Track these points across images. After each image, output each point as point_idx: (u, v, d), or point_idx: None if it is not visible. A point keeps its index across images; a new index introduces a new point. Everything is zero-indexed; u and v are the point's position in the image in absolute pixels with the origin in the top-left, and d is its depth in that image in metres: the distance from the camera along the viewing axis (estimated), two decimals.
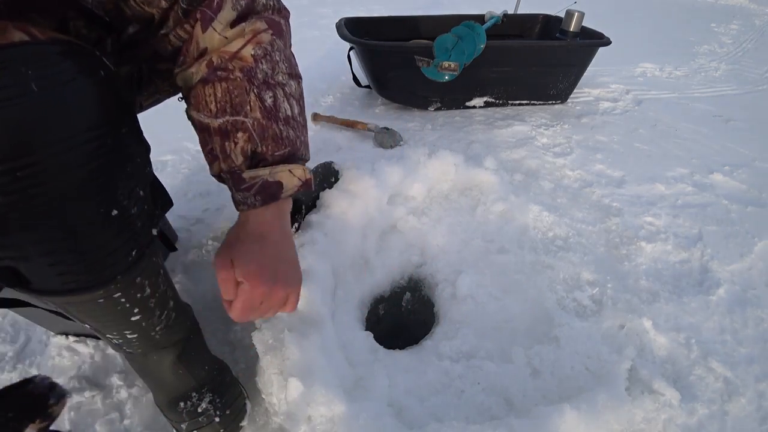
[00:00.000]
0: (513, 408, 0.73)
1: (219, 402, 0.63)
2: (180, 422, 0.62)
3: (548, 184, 1.26)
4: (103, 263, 0.40)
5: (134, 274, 0.45)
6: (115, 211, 0.38)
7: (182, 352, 0.62)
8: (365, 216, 0.96)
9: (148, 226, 0.45)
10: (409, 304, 1.00)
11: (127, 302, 0.47)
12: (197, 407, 0.61)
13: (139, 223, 0.42)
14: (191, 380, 0.62)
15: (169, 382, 0.61)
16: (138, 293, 0.47)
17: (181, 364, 0.61)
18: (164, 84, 0.61)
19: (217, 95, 0.43)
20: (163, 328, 0.56)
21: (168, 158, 1.34)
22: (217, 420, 0.62)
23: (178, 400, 0.61)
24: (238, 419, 0.66)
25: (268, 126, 0.45)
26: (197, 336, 0.67)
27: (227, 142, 0.44)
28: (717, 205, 1.23)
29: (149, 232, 0.45)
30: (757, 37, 3.24)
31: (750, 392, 0.76)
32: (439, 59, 1.38)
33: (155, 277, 0.50)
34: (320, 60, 2.19)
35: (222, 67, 0.43)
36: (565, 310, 0.88)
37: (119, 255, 0.41)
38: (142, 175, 0.43)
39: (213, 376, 0.65)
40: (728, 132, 1.70)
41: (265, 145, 0.45)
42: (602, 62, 2.16)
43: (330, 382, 0.62)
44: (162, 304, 0.54)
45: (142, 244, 0.44)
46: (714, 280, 0.98)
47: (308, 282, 0.75)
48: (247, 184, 0.46)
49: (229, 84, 0.43)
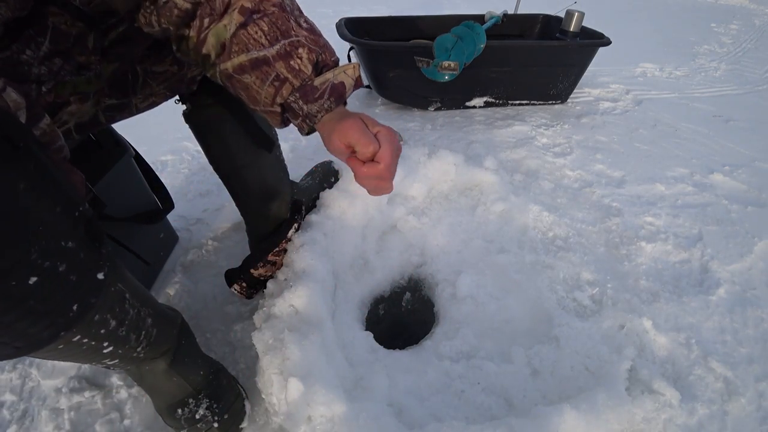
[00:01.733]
0: (513, 408, 0.73)
1: (217, 407, 0.63)
2: (179, 429, 0.62)
3: (548, 184, 1.26)
4: (37, 328, 0.37)
5: (85, 320, 0.42)
6: (33, 278, 0.34)
7: (173, 360, 0.61)
8: (365, 216, 0.96)
9: (91, 272, 0.41)
10: (409, 304, 1.00)
11: (91, 341, 0.45)
12: (195, 414, 0.61)
13: (73, 277, 0.38)
14: (187, 386, 0.62)
15: (165, 390, 0.61)
16: (101, 329, 0.45)
17: (174, 372, 0.61)
18: (160, 87, 0.60)
19: (264, 29, 0.47)
20: (146, 347, 0.55)
21: (168, 158, 1.34)
22: (216, 426, 0.62)
23: (175, 407, 0.61)
24: (237, 422, 0.66)
25: (317, 39, 0.51)
26: (188, 341, 0.66)
27: (292, 60, 0.49)
28: (717, 205, 1.23)
29: (93, 279, 0.41)
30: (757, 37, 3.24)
31: (750, 392, 0.76)
32: (439, 59, 1.38)
33: (119, 305, 0.48)
34: None
35: (256, 10, 0.47)
36: (565, 310, 0.88)
37: (55, 315, 0.38)
38: (66, 226, 0.38)
39: (209, 380, 0.65)
40: (728, 132, 1.70)
41: (324, 53, 0.51)
42: (602, 62, 2.16)
43: (330, 382, 0.62)
44: (135, 327, 0.51)
45: (85, 294, 0.41)
46: (714, 280, 0.98)
47: (308, 282, 0.75)
48: (320, 90, 0.50)
49: (270, 18, 0.48)
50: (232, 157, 0.73)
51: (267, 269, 0.83)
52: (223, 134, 0.71)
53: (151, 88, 0.60)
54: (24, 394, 0.73)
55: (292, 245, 0.84)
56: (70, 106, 0.51)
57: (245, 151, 0.73)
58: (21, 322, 0.35)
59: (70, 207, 0.39)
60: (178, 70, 0.60)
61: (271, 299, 0.76)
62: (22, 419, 0.70)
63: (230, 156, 0.73)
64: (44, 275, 0.35)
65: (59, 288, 0.37)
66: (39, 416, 0.70)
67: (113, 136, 0.80)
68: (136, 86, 0.58)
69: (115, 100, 0.57)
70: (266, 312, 0.74)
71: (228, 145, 0.71)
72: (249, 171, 0.75)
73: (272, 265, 0.83)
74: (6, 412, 0.71)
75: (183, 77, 0.62)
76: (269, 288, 0.79)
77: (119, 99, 0.57)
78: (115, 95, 0.57)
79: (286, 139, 1.47)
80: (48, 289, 0.36)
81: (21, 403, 0.72)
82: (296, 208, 0.87)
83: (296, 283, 0.74)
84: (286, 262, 0.82)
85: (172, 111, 0.79)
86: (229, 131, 0.70)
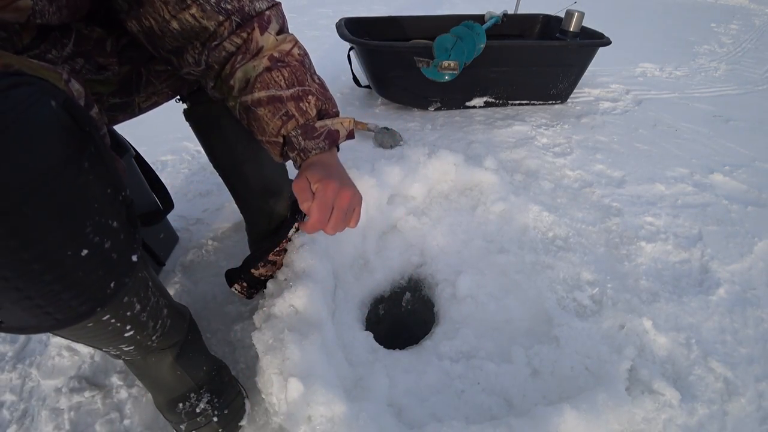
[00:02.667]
0: (513, 408, 0.73)
1: (217, 402, 0.64)
2: (179, 423, 0.63)
3: (548, 184, 1.26)
4: (79, 301, 0.39)
5: (117, 300, 0.46)
6: (85, 251, 0.37)
7: (180, 353, 0.63)
8: (365, 216, 0.96)
9: (127, 254, 0.44)
10: (409, 304, 1.00)
11: (117, 322, 0.49)
12: (195, 408, 0.63)
13: (114, 255, 0.41)
14: (189, 381, 0.64)
15: (167, 383, 0.63)
16: (128, 311, 0.50)
17: (179, 365, 0.63)
18: (162, 85, 0.62)
19: (284, 75, 0.56)
20: (159, 336, 0.58)
21: (168, 158, 1.34)
22: (215, 420, 0.63)
23: (176, 402, 0.63)
24: (236, 418, 0.67)
25: (325, 92, 0.61)
26: (195, 336, 0.68)
27: (301, 103, 0.57)
28: (717, 205, 1.23)
29: (129, 260, 0.44)
30: (757, 37, 3.24)
31: (750, 392, 0.76)
32: (438, 59, 1.38)
33: (143, 291, 0.52)
34: (320, 60, 2.19)
35: (282, 60, 0.56)
36: (565, 310, 0.88)
37: (95, 290, 0.40)
38: (114, 207, 0.41)
39: (211, 376, 0.67)
40: (728, 132, 1.70)
41: (327, 104, 0.60)
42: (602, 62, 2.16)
43: (330, 382, 0.62)
44: (154, 315, 0.56)
45: (121, 273, 0.43)
46: (714, 280, 0.98)
47: (308, 282, 0.75)
48: (318, 132, 0.58)
49: (291, 68, 0.57)
50: (232, 153, 0.74)
51: (268, 269, 0.83)
52: (223, 129, 0.72)
53: (154, 86, 0.61)
54: (24, 394, 0.73)
55: (292, 245, 0.84)
56: None
57: (245, 146, 0.74)
58: (67, 293, 0.37)
59: (117, 190, 0.42)
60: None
61: (271, 299, 0.76)
62: (22, 419, 0.70)
63: (230, 151, 0.74)
64: (94, 249, 0.38)
65: (102, 264, 0.40)
66: (39, 416, 0.70)
67: (113, 136, 0.80)
68: (140, 85, 0.60)
69: (119, 99, 0.58)
70: (266, 312, 0.74)
71: (228, 141, 0.73)
72: (249, 166, 0.76)
73: (273, 264, 0.83)
74: (6, 412, 0.71)
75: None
76: (269, 288, 0.79)
77: (122, 98, 0.59)
78: (118, 94, 0.58)
79: None
80: (94, 263, 0.39)
81: (21, 403, 0.72)
82: (296, 207, 0.87)
83: (296, 283, 0.74)
84: (286, 262, 0.82)
85: (172, 111, 0.79)
86: (229, 126, 0.72)
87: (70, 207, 0.35)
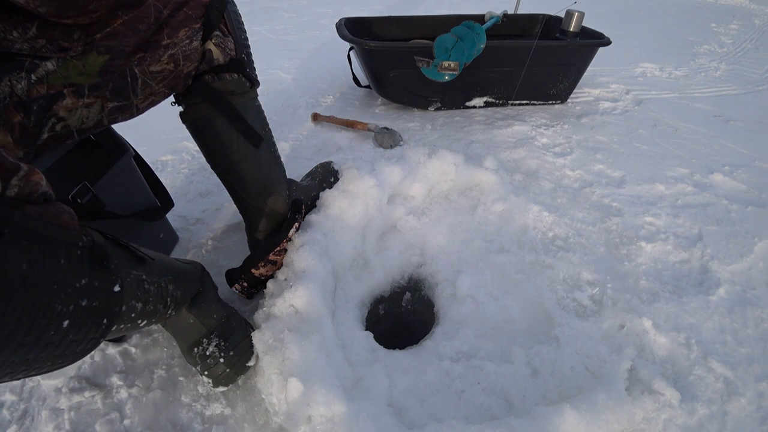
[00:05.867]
0: (513, 408, 0.73)
1: (224, 345, 0.71)
2: (195, 365, 0.71)
3: (548, 184, 1.26)
4: (80, 347, 0.43)
5: (115, 321, 0.48)
6: (66, 322, 0.40)
7: (191, 304, 0.71)
8: (365, 216, 0.96)
9: (108, 293, 0.46)
10: (409, 304, 1.00)
11: (126, 324, 0.52)
12: (206, 351, 0.70)
13: (96, 303, 0.44)
14: (202, 328, 0.71)
15: (184, 330, 0.71)
16: (131, 313, 0.53)
17: (191, 314, 0.71)
18: (159, 86, 0.62)
19: None
20: (173, 307, 0.65)
21: (168, 158, 1.34)
22: (221, 361, 0.70)
23: (193, 346, 0.71)
24: (243, 359, 0.72)
25: None
26: (206, 287, 0.75)
27: None
28: (717, 205, 1.23)
29: (111, 293, 0.46)
30: (757, 37, 3.24)
31: (750, 392, 0.76)
32: (439, 59, 1.38)
33: (139, 289, 0.54)
34: (320, 60, 2.19)
35: None
36: (565, 310, 0.88)
37: (90, 335, 0.44)
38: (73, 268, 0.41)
39: (221, 322, 0.73)
40: (728, 132, 1.70)
41: None
42: (602, 62, 2.16)
43: (330, 382, 0.63)
44: (160, 298, 0.60)
45: (109, 311, 0.46)
46: (714, 280, 0.98)
47: (308, 282, 0.75)
48: None
49: None
50: (227, 152, 0.75)
51: (268, 269, 0.83)
52: (217, 130, 0.73)
53: (150, 87, 0.62)
54: (24, 394, 0.73)
55: (292, 245, 0.84)
56: (65, 99, 0.52)
57: (239, 145, 0.75)
58: (65, 349, 0.42)
59: (71, 251, 0.41)
60: (175, 67, 0.62)
61: (271, 299, 0.76)
62: (22, 419, 0.70)
63: (226, 151, 0.75)
64: (73, 316, 0.41)
65: (88, 317, 0.43)
66: (39, 416, 0.70)
67: (113, 136, 0.80)
68: (137, 87, 0.60)
69: (117, 102, 0.59)
70: (266, 312, 0.74)
71: (222, 141, 0.74)
72: (245, 165, 0.77)
73: (273, 264, 0.83)
74: (6, 412, 0.71)
75: (180, 74, 0.64)
76: (269, 288, 0.79)
77: (120, 101, 0.59)
78: (116, 98, 0.59)
79: (286, 139, 1.47)
80: (80, 322, 0.42)
81: (21, 403, 0.72)
82: (296, 207, 0.87)
83: (296, 283, 0.74)
84: (286, 262, 0.82)
85: (171, 111, 0.79)
86: (222, 127, 0.73)
87: (30, 307, 0.36)
